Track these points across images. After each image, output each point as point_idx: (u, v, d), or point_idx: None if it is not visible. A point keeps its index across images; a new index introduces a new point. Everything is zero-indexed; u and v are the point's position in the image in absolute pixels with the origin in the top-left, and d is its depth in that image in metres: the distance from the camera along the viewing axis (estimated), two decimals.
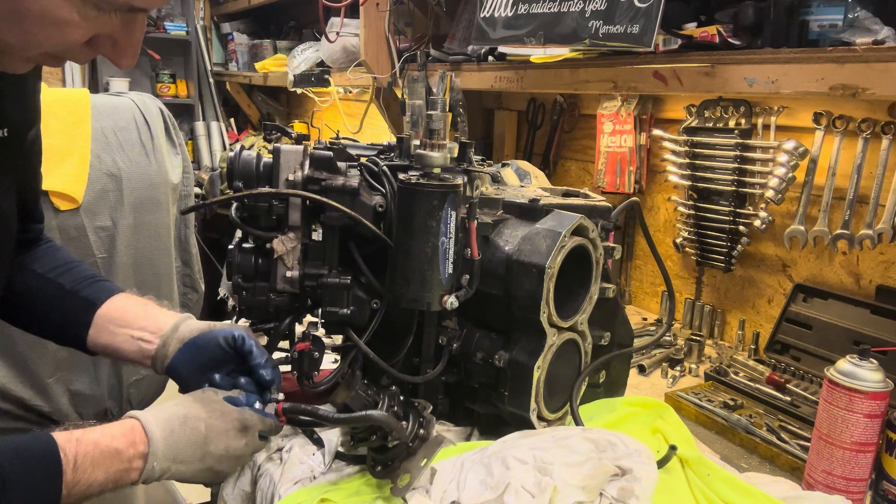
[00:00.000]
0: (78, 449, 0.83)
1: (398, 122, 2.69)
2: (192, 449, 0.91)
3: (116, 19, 0.76)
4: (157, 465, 0.88)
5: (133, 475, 0.87)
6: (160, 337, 1.07)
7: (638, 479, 0.93)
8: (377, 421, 0.96)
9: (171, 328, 1.08)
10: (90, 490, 0.84)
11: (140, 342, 1.08)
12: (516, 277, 1.08)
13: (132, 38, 0.79)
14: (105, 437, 0.86)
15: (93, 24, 0.74)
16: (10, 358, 1.99)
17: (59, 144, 2.00)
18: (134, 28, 0.79)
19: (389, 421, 0.97)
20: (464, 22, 2.32)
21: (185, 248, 2.51)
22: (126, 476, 0.87)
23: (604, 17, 1.50)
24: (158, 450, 0.88)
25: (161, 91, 4.58)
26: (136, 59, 0.82)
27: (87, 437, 0.85)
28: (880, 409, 1.03)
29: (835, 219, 1.56)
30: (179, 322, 1.09)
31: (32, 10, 0.70)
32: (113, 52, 0.79)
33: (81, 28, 0.74)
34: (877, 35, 1.18)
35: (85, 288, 1.12)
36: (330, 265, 1.11)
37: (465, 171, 1.16)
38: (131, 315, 1.10)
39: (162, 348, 1.07)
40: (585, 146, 2.31)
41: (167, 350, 1.06)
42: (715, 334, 1.88)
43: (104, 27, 0.76)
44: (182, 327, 1.08)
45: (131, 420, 0.90)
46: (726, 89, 1.41)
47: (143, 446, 0.88)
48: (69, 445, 0.83)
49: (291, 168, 1.10)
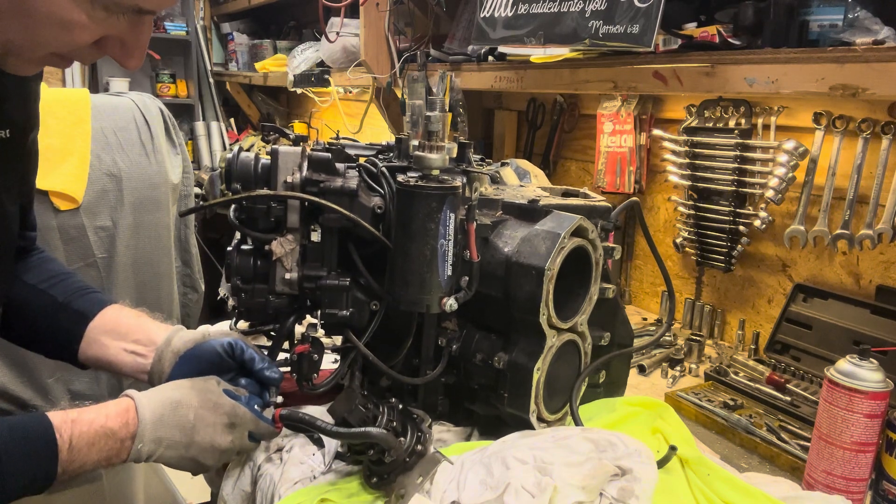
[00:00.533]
0: (73, 429, 0.85)
1: (398, 122, 2.69)
2: (178, 436, 0.92)
3: (124, 21, 0.77)
4: (144, 448, 0.90)
5: (123, 455, 0.90)
6: (155, 350, 1.08)
7: (638, 479, 0.93)
8: (375, 439, 0.96)
9: (164, 342, 1.08)
10: (84, 468, 0.86)
11: (134, 356, 1.09)
12: (516, 279, 1.07)
13: (139, 39, 0.80)
14: (100, 416, 0.88)
15: (101, 26, 0.75)
16: (10, 358, 2.00)
17: (59, 144, 2.00)
18: (141, 29, 0.79)
19: (387, 439, 0.96)
20: (464, 22, 2.32)
21: (185, 248, 2.51)
22: (118, 455, 0.89)
23: (604, 17, 1.50)
24: (146, 432, 0.90)
25: (161, 91, 4.58)
26: (142, 61, 0.83)
27: (82, 418, 0.87)
28: (880, 409, 1.03)
29: (835, 219, 1.56)
30: (172, 335, 1.10)
31: (40, 11, 0.71)
32: (120, 54, 0.80)
33: (89, 29, 0.74)
34: (877, 35, 1.18)
35: (77, 300, 1.13)
36: (329, 267, 1.11)
37: (463, 171, 1.15)
38: (124, 327, 1.10)
39: (158, 363, 1.07)
40: (585, 146, 2.31)
41: (163, 365, 1.07)
42: (715, 334, 1.88)
43: (112, 29, 0.77)
44: (175, 340, 1.09)
45: (126, 399, 0.93)
46: (726, 89, 1.41)
47: (135, 427, 0.90)
48: (65, 426, 0.85)
49: (289, 169, 1.10)
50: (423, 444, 1.00)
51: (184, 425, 0.93)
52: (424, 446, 1.00)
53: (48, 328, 1.13)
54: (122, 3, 0.74)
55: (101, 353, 1.09)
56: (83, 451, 0.85)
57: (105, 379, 2.20)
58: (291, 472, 1.07)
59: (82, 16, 0.72)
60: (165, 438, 0.92)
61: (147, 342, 1.09)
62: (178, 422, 0.92)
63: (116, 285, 2.16)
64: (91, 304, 1.13)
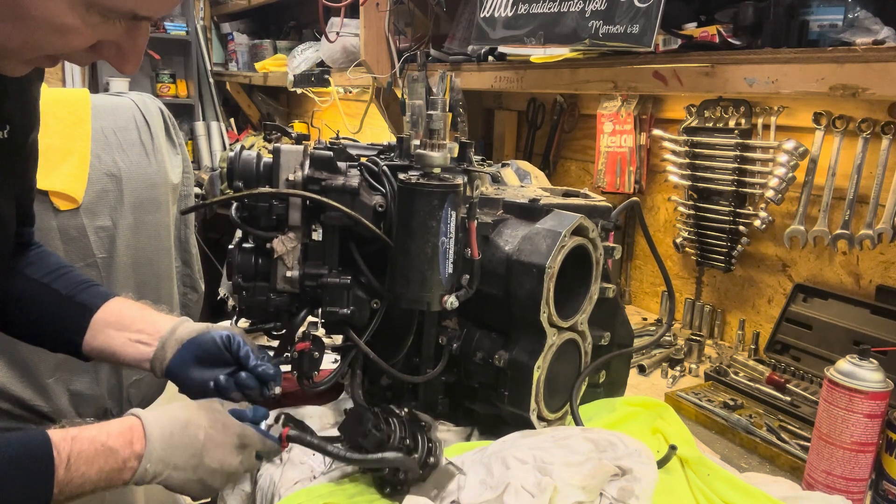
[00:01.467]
0: (73, 447, 0.82)
1: (398, 122, 2.69)
2: (187, 456, 0.89)
3: (121, 26, 0.76)
4: (151, 468, 0.87)
5: (126, 475, 0.86)
6: (159, 339, 1.07)
7: (638, 479, 0.93)
8: (393, 464, 0.95)
9: (168, 331, 1.07)
10: (83, 488, 0.83)
11: (138, 344, 1.08)
12: (516, 277, 1.07)
13: (136, 44, 0.79)
14: (101, 434, 0.85)
15: (96, 31, 0.74)
16: (10, 358, 2.00)
17: (59, 144, 2.00)
18: (138, 35, 0.79)
19: (405, 462, 0.95)
20: (464, 22, 2.32)
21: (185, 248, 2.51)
22: (119, 476, 0.86)
23: (604, 17, 1.50)
24: (154, 451, 0.87)
25: (161, 91, 4.58)
26: (139, 66, 0.82)
27: (82, 435, 0.84)
28: (880, 409, 1.03)
29: (835, 219, 1.56)
30: (177, 325, 1.09)
31: (35, 15, 0.70)
32: (117, 58, 0.79)
33: (84, 34, 0.74)
34: (877, 35, 1.18)
35: (80, 293, 1.12)
36: (330, 265, 1.11)
37: (465, 170, 1.16)
38: (128, 319, 1.09)
39: (160, 350, 1.06)
40: (585, 146, 2.31)
41: (165, 353, 1.06)
42: (715, 334, 1.88)
43: (108, 33, 0.76)
44: (180, 329, 1.08)
45: (131, 418, 0.89)
46: (726, 89, 1.41)
47: (140, 446, 0.86)
48: (63, 443, 0.82)
49: (291, 168, 1.10)
50: (434, 455, 0.99)
51: (193, 445, 0.89)
52: (437, 457, 0.99)
53: (52, 321, 1.12)
54: (118, 8, 0.73)
55: (106, 343, 1.08)
56: (81, 469, 0.82)
57: (105, 379, 2.19)
58: (291, 473, 1.07)
59: (77, 20, 0.71)
60: (174, 459, 0.88)
61: (152, 331, 1.08)
62: (187, 442, 0.89)
63: (116, 285, 2.16)
64: (94, 297, 1.12)
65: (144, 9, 0.75)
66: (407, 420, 1.02)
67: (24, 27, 0.71)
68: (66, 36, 0.73)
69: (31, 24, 0.71)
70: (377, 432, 0.96)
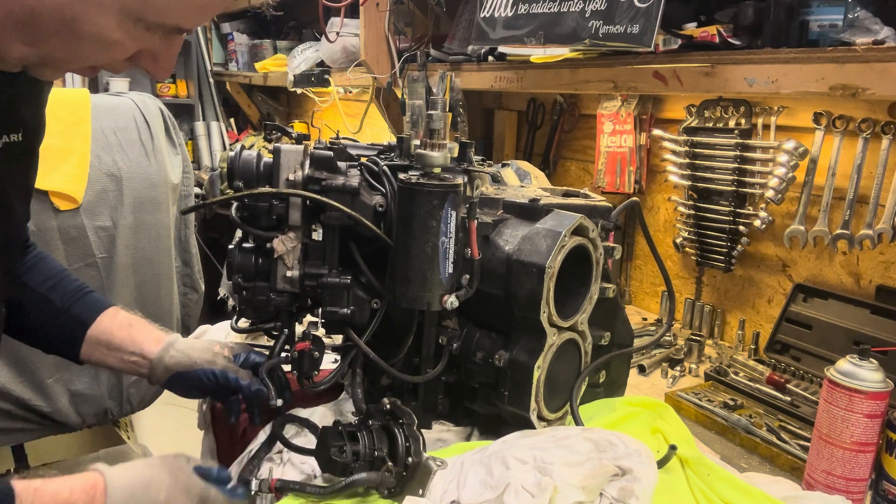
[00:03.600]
0: (35, 499, 0.82)
1: (398, 122, 2.69)
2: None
3: (159, 37, 0.79)
4: None
5: None
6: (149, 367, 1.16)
7: (638, 479, 0.93)
8: (364, 483, 0.97)
9: (156, 358, 1.16)
10: None
11: (132, 364, 1.17)
12: (516, 277, 1.07)
13: (171, 52, 0.83)
14: (64, 489, 0.85)
15: (137, 42, 0.78)
16: (10, 358, 2.00)
17: (59, 144, 2.00)
18: (174, 43, 0.82)
19: (373, 479, 0.96)
20: (464, 22, 2.32)
21: (185, 248, 2.51)
22: None
23: (604, 17, 1.50)
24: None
25: (161, 91, 4.57)
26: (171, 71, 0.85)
27: (46, 488, 0.84)
28: (880, 409, 1.03)
29: (835, 219, 1.56)
30: (163, 353, 1.16)
31: (87, 31, 0.73)
32: (152, 66, 0.83)
33: (127, 47, 0.77)
34: (877, 35, 1.18)
35: (74, 305, 1.17)
36: (330, 265, 1.11)
37: (465, 170, 1.16)
38: (117, 340, 1.17)
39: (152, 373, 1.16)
40: (585, 146, 2.31)
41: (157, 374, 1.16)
42: (715, 334, 1.88)
43: (147, 44, 0.79)
44: (166, 359, 1.16)
45: (95, 474, 0.89)
46: (726, 89, 1.41)
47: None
48: (26, 493, 0.82)
49: (292, 168, 1.10)
50: (414, 454, 0.99)
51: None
52: (417, 456, 0.99)
53: (48, 332, 1.18)
54: (165, 23, 0.77)
55: (102, 360, 1.18)
56: None
57: (105, 379, 2.20)
58: (291, 473, 1.07)
59: (125, 35, 0.75)
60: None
61: (140, 355, 1.16)
62: (148, 502, 0.89)
63: (116, 285, 2.16)
64: (88, 310, 1.17)
65: (188, 22, 0.79)
66: (378, 427, 1.02)
67: (73, 41, 0.74)
68: (111, 49, 0.76)
69: (82, 39, 0.74)
70: (340, 456, 0.97)
